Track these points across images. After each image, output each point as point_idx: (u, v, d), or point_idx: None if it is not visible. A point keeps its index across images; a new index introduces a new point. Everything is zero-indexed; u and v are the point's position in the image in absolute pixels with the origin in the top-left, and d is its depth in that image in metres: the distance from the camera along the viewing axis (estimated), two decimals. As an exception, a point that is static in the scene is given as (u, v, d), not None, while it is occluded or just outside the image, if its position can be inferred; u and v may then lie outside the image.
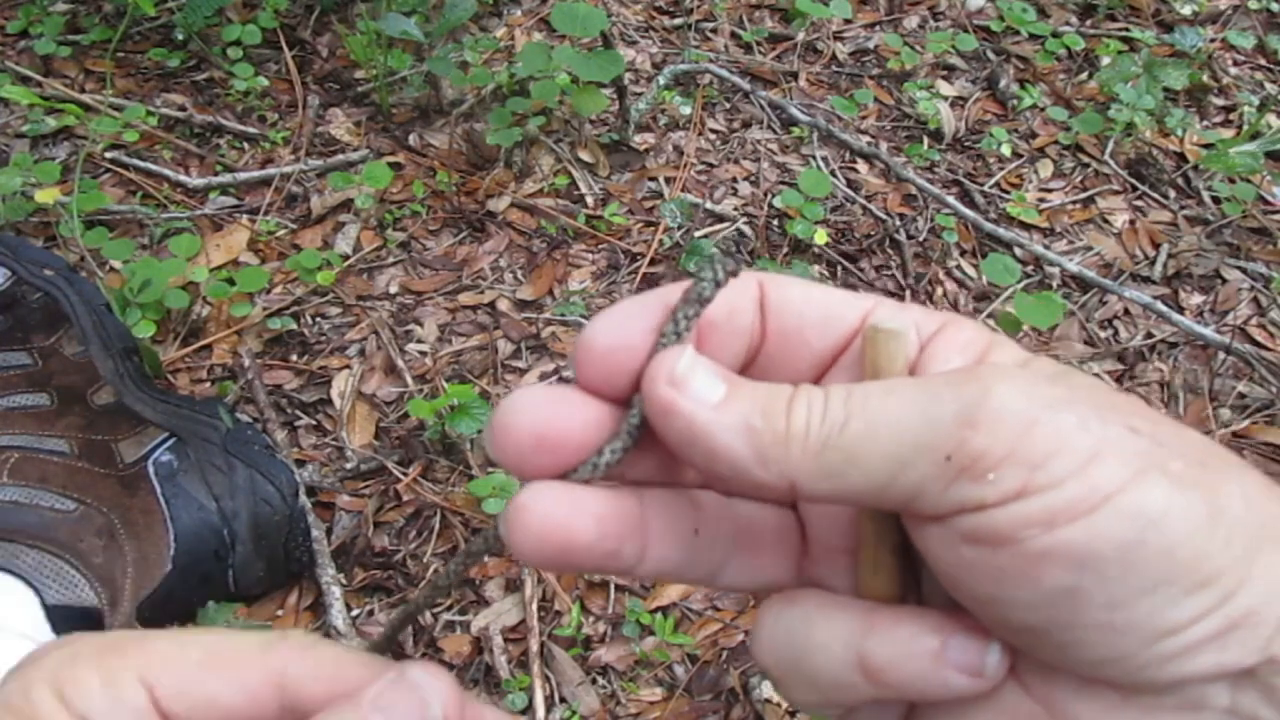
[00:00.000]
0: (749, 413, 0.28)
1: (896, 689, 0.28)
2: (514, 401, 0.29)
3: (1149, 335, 1.26)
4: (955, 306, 1.28)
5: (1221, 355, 1.23)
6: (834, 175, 1.40)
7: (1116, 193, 1.44)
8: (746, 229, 1.31)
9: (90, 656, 0.29)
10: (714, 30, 1.60)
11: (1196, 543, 0.25)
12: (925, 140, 1.48)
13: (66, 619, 0.79)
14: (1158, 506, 0.25)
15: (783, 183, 1.38)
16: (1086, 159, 1.48)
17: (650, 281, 1.24)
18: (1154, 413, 0.28)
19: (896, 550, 0.30)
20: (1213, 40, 1.67)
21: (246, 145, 1.34)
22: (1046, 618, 0.26)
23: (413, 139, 1.38)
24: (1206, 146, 1.49)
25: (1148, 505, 0.25)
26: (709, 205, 1.33)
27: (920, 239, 1.33)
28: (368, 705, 0.28)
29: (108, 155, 1.28)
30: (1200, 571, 0.25)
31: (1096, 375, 1.20)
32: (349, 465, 1.04)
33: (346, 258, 1.22)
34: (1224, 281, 1.33)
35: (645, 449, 0.30)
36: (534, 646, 0.93)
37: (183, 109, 1.36)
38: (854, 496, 0.27)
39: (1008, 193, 1.42)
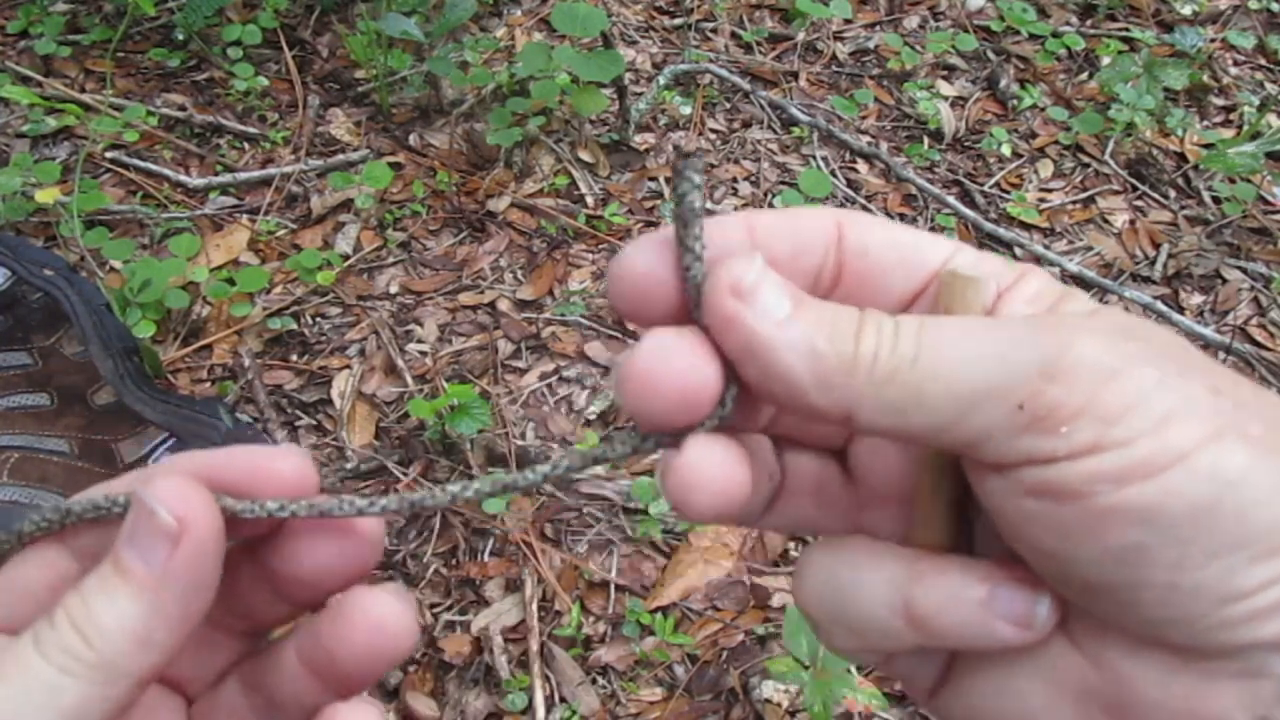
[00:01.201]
0: (815, 334, 0.26)
1: (941, 637, 0.27)
2: (649, 358, 0.27)
3: (1149, 335, 1.26)
4: (955, 306, 1.28)
5: (1221, 355, 1.23)
6: (834, 175, 1.40)
7: (1116, 193, 1.44)
8: (746, 229, 1.31)
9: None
10: (714, 30, 1.60)
11: (1272, 509, 0.24)
12: (925, 140, 1.48)
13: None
14: (1234, 469, 0.24)
15: (783, 183, 1.38)
16: (1086, 159, 1.48)
17: (650, 281, 1.24)
18: (1235, 375, 0.27)
19: (952, 502, 0.29)
20: (1213, 40, 1.67)
21: (246, 145, 1.34)
22: (1110, 575, 0.25)
23: (413, 139, 1.38)
24: (1206, 146, 1.49)
25: (1224, 467, 0.24)
26: (709, 205, 1.33)
27: (920, 239, 1.33)
28: (121, 548, 0.27)
29: (108, 155, 1.28)
30: (1274, 538, 0.24)
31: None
32: (349, 465, 1.04)
33: (346, 258, 1.22)
34: (1224, 281, 1.33)
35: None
36: (534, 646, 0.93)
37: (183, 109, 1.36)
38: (913, 434, 0.26)
39: (1008, 193, 1.42)
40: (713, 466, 0.27)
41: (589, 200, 1.32)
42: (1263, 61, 1.67)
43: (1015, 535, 0.27)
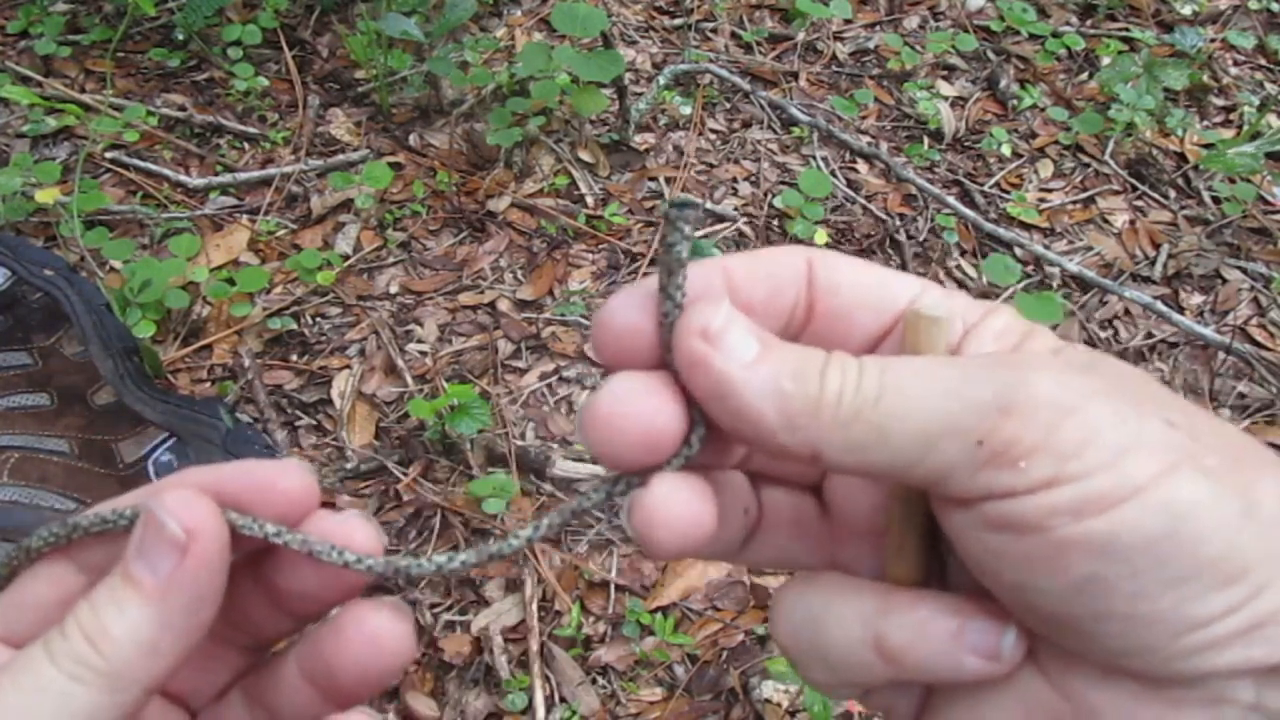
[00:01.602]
0: (781, 374, 0.27)
1: (913, 670, 0.28)
2: (612, 401, 0.28)
3: (1149, 335, 1.26)
4: (955, 306, 1.28)
5: (1221, 355, 1.23)
6: (834, 175, 1.40)
7: (1116, 193, 1.44)
8: (746, 229, 1.31)
9: None
10: (714, 30, 1.60)
11: (1226, 538, 0.25)
12: (925, 140, 1.48)
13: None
14: (1187, 501, 0.25)
15: (783, 183, 1.38)
16: (1086, 159, 1.48)
17: (650, 281, 1.24)
18: (1191, 406, 0.27)
19: (923, 534, 0.30)
20: (1213, 40, 1.67)
21: (246, 145, 1.34)
22: (1071, 606, 0.26)
23: (413, 139, 1.38)
24: (1206, 146, 1.49)
25: (1177, 499, 0.25)
26: (709, 205, 1.33)
27: (920, 239, 1.33)
28: (130, 559, 0.28)
29: (108, 155, 1.28)
30: (1229, 567, 0.25)
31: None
32: (349, 465, 1.04)
33: (346, 258, 1.22)
34: (1224, 281, 1.33)
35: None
36: (534, 646, 0.93)
37: (183, 109, 1.36)
38: (877, 471, 0.27)
39: (1008, 193, 1.42)
40: (677, 505, 0.28)
41: (589, 200, 1.32)
42: (1263, 61, 1.67)
43: (980, 569, 0.27)
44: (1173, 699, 0.26)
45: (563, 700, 0.91)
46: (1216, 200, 1.43)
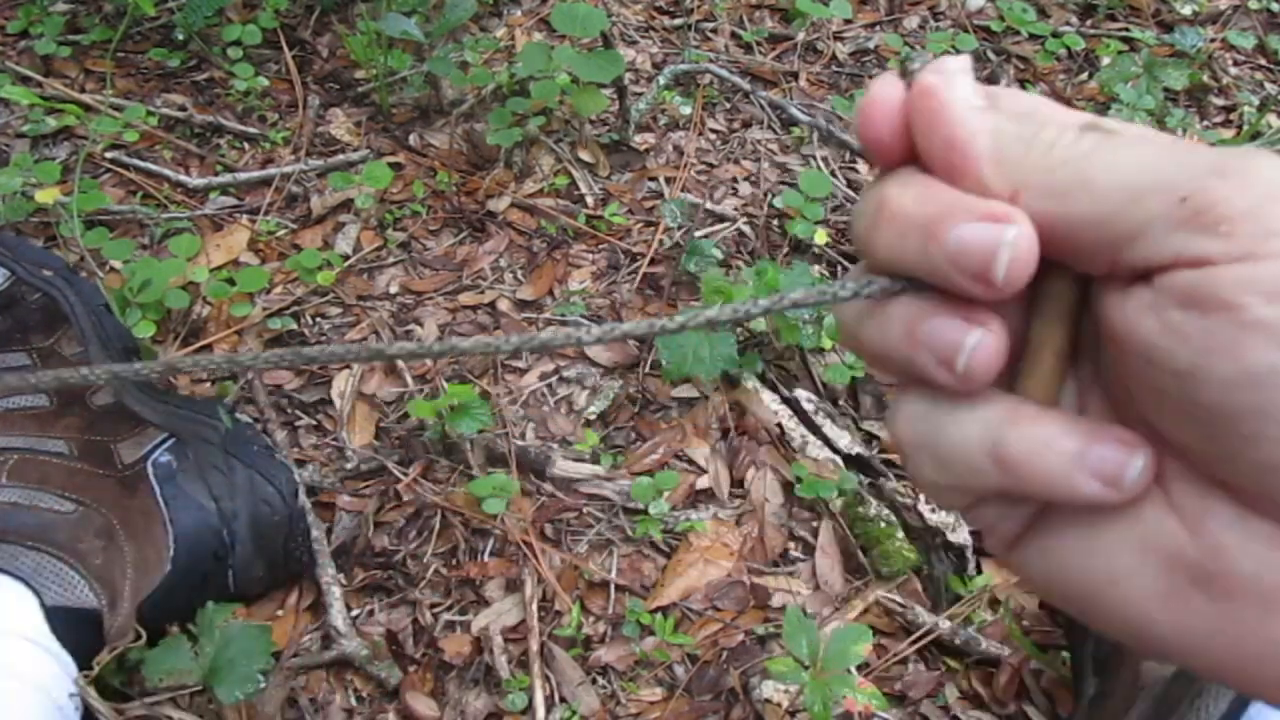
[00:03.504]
0: (1000, 118, 0.27)
1: (1027, 484, 0.27)
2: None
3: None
4: (955, 306, 1.28)
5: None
6: (834, 175, 1.40)
7: (1117, 193, 1.44)
8: (747, 229, 1.31)
9: None
10: (714, 30, 1.60)
11: None
12: (925, 140, 1.47)
13: (66, 620, 0.79)
14: None
15: (783, 183, 1.38)
16: (1087, 159, 1.48)
17: (650, 281, 1.24)
18: None
19: (1061, 356, 0.29)
20: (1213, 40, 1.67)
21: (246, 145, 1.34)
22: (1242, 401, 0.24)
23: (413, 139, 1.38)
24: (1207, 146, 1.49)
25: None
26: (709, 205, 1.33)
27: (920, 239, 1.33)
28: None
29: (108, 155, 1.28)
30: None
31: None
32: (349, 465, 1.04)
33: (346, 258, 1.22)
34: (1224, 281, 1.33)
35: None
36: (534, 646, 0.93)
37: (183, 109, 1.36)
38: (1072, 222, 0.26)
39: (1008, 193, 1.42)
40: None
41: (589, 200, 1.32)
42: (1263, 61, 1.67)
43: (1146, 359, 0.26)
44: None
45: (563, 700, 0.91)
46: (1217, 200, 1.42)
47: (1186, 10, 1.72)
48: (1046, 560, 0.29)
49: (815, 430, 1.09)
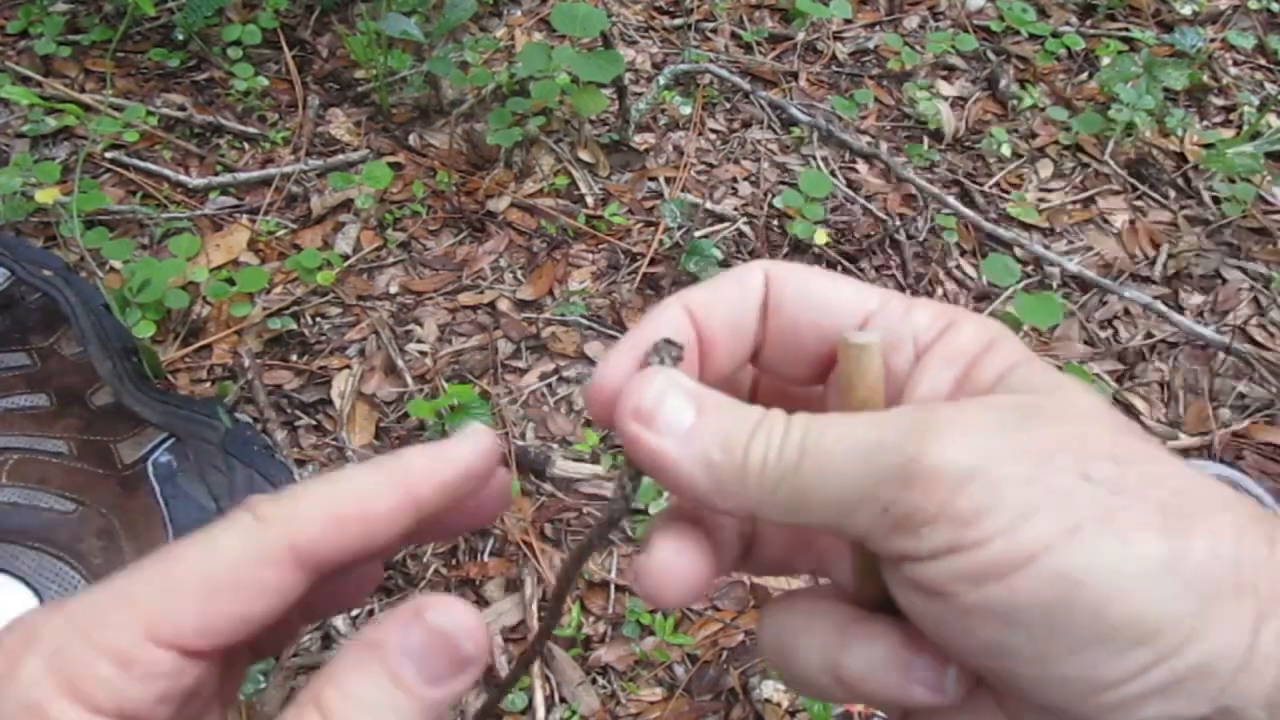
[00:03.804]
0: (710, 446, 0.29)
1: (867, 698, 0.29)
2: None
3: (1149, 335, 1.26)
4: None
5: (1221, 355, 1.23)
6: (834, 175, 1.40)
7: (1116, 193, 1.44)
8: (746, 229, 1.31)
9: (84, 645, 0.26)
10: (714, 30, 1.60)
11: (1133, 600, 0.24)
12: (925, 140, 1.47)
13: (66, 619, 0.79)
14: (1085, 565, 0.24)
15: (783, 183, 1.38)
16: (1086, 159, 1.48)
17: (650, 281, 1.24)
18: (1131, 446, 0.27)
19: (878, 563, 0.31)
20: (1213, 40, 1.67)
21: (246, 145, 1.34)
22: (986, 664, 0.27)
23: (413, 139, 1.38)
24: (1206, 146, 1.49)
25: (1074, 565, 0.24)
26: (709, 205, 1.33)
27: (920, 239, 1.33)
28: (396, 655, 0.28)
29: (108, 155, 1.28)
30: (1137, 630, 0.24)
31: (1098, 374, 1.20)
32: (349, 465, 1.04)
33: (346, 258, 1.22)
34: (1224, 281, 1.33)
35: None
36: (534, 647, 0.92)
37: (183, 109, 1.36)
38: (812, 528, 0.28)
39: (1008, 193, 1.42)
40: (678, 569, 0.30)
41: (589, 200, 1.32)
42: (1263, 61, 1.67)
43: (909, 617, 0.29)
44: None
45: (563, 700, 0.91)
46: (1216, 200, 1.43)
47: (1186, 10, 1.72)
48: None
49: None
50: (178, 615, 0.27)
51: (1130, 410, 1.19)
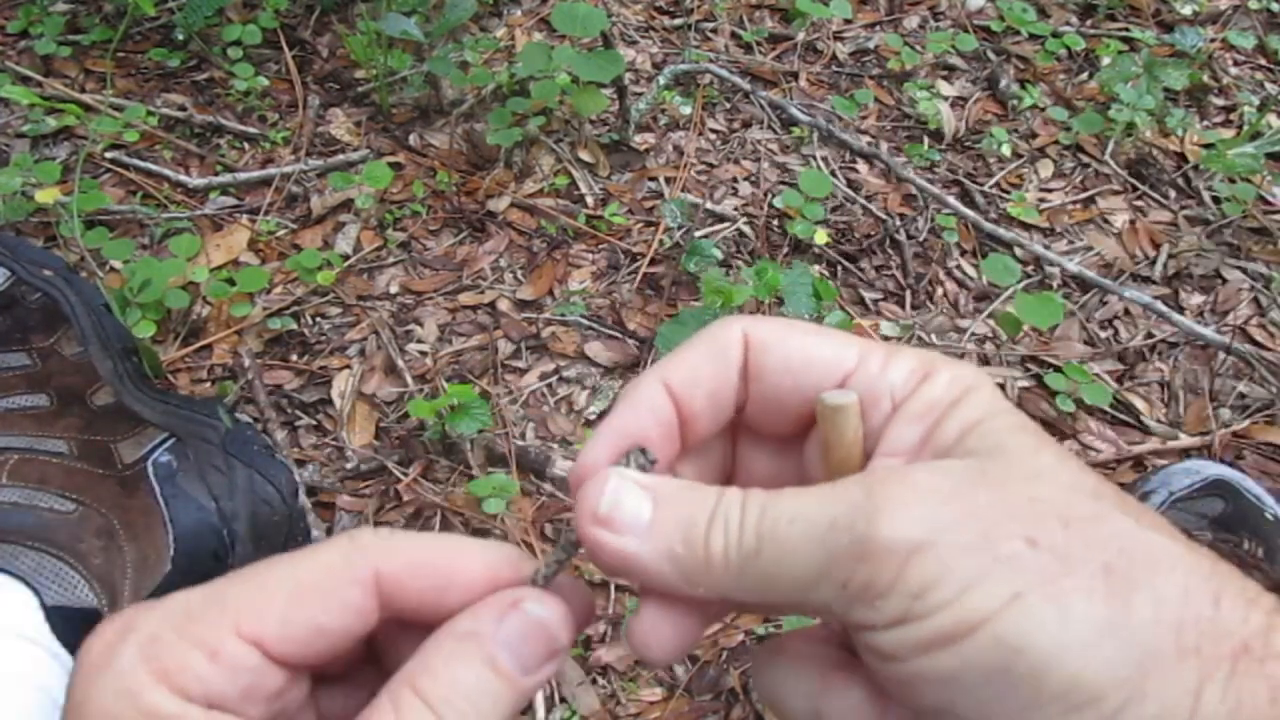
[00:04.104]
0: (672, 540, 0.30)
1: None
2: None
3: (1149, 335, 1.26)
4: (955, 306, 1.28)
5: (1221, 355, 1.23)
6: (834, 175, 1.40)
7: (1117, 193, 1.44)
8: (747, 229, 1.31)
9: (177, 636, 0.28)
10: (714, 30, 1.60)
11: (1071, 665, 0.25)
12: (925, 140, 1.47)
13: (66, 620, 0.79)
14: (1024, 632, 0.25)
15: (783, 183, 1.38)
16: (1087, 159, 1.48)
17: (650, 281, 1.24)
18: (1080, 507, 0.28)
19: None
20: (1213, 40, 1.67)
21: (246, 145, 1.34)
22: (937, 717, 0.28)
23: (413, 139, 1.38)
24: (1206, 146, 1.49)
25: (1014, 632, 0.25)
26: (709, 205, 1.33)
27: (920, 239, 1.33)
28: (493, 645, 0.29)
29: (108, 155, 1.28)
30: (1079, 692, 0.25)
31: (1098, 374, 1.20)
32: (349, 465, 1.04)
33: (346, 258, 1.22)
34: (1224, 281, 1.33)
35: None
36: (534, 647, 0.92)
37: (183, 109, 1.36)
38: (780, 607, 0.30)
39: (1008, 193, 1.42)
40: (661, 631, 0.31)
41: (589, 200, 1.32)
42: (1263, 61, 1.67)
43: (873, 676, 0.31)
44: None
45: (563, 700, 0.91)
46: (1216, 200, 1.43)
47: (1186, 10, 1.72)
48: None
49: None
50: (263, 613, 0.29)
51: (1130, 410, 1.19)
